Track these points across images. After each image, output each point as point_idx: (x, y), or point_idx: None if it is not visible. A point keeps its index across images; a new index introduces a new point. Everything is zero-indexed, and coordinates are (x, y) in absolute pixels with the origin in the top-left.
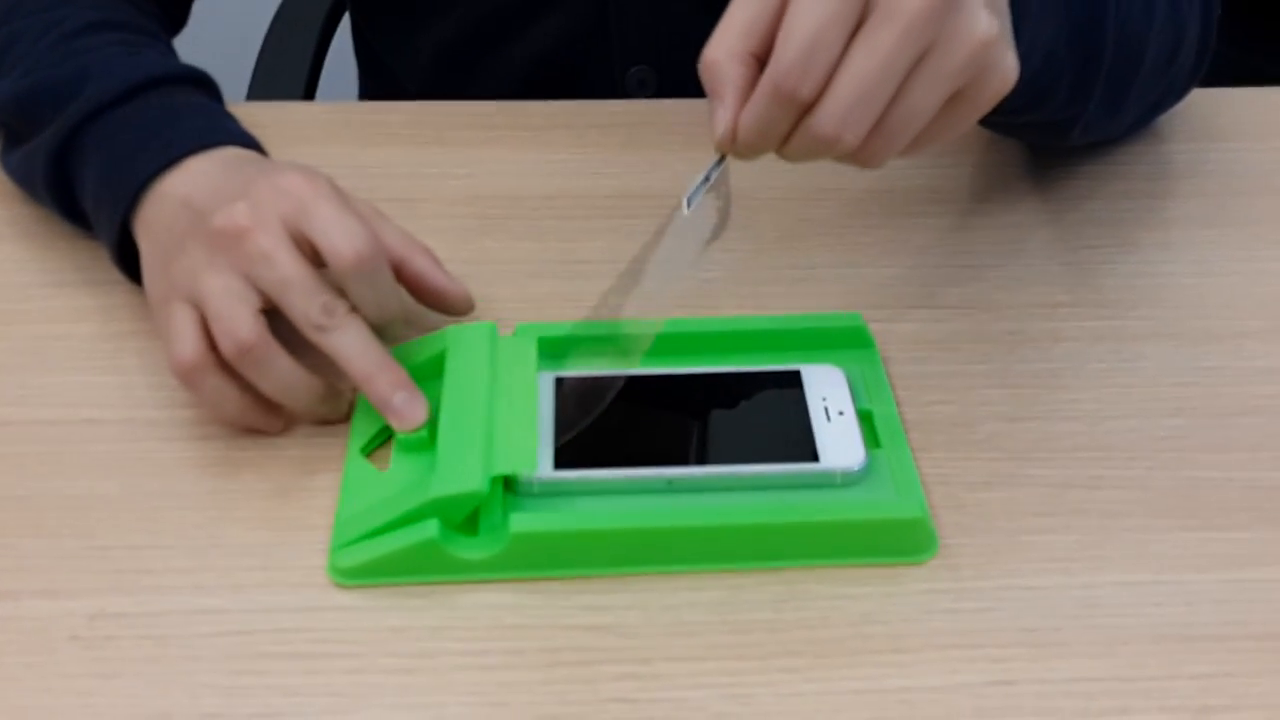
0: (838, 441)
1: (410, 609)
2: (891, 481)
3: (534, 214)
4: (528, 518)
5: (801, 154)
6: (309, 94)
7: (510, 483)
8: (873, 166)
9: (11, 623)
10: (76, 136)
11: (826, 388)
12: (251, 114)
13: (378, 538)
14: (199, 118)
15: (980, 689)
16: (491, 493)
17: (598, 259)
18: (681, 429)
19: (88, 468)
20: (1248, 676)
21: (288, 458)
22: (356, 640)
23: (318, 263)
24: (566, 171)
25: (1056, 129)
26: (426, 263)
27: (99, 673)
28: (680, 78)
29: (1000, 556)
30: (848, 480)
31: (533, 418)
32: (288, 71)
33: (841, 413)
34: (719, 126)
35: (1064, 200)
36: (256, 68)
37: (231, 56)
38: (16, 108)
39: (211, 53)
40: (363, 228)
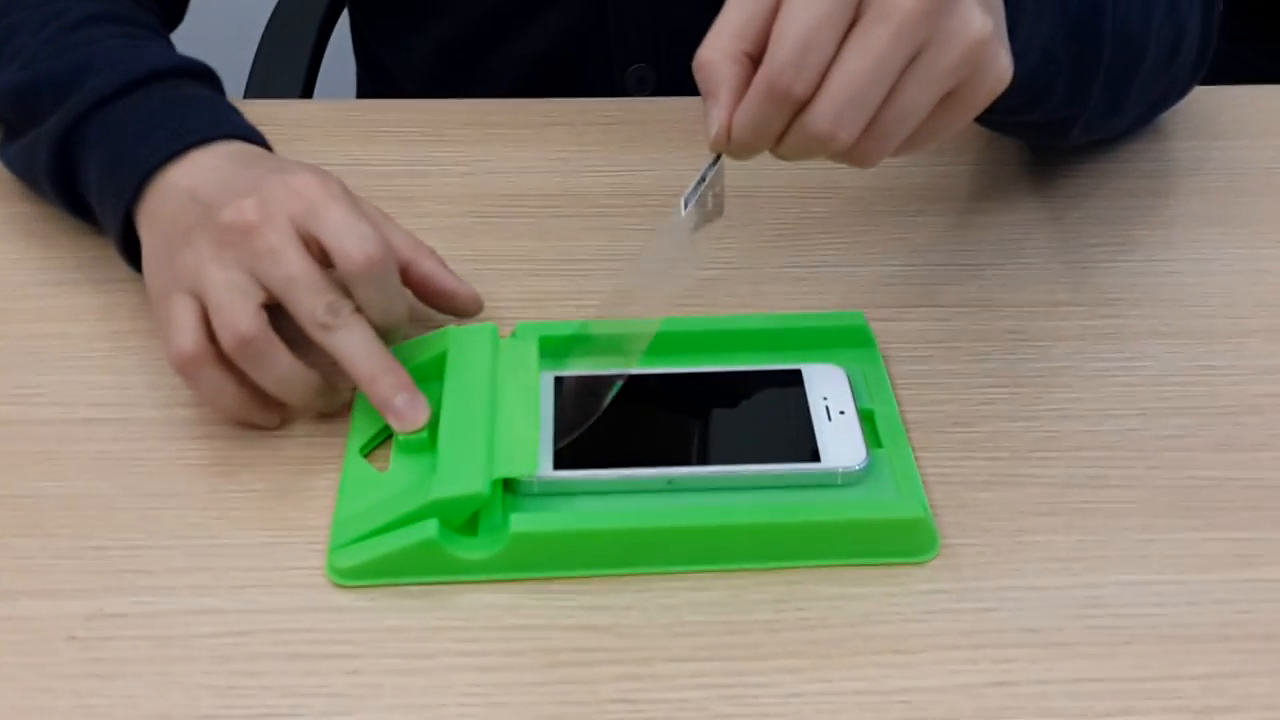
0: (839, 441)
1: (409, 609)
2: (893, 481)
3: (533, 212)
4: (527, 518)
5: (795, 153)
6: (307, 93)
7: (510, 483)
8: (867, 166)
9: (9, 623)
10: (80, 128)
11: (827, 387)
12: (249, 111)
13: (377, 538)
14: (204, 110)
15: (982, 689)
16: (491, 493)
17: (597, 257)
18: (682, 429)
19: (85, 467)
20: (1251, 677)
21: (287, 458)
22: (355, 641)
23: (324, 264)
24: (566, 170)
25: (1056, 128)
26: (434, 265)
27: (97, 673)
28: (680, 76)
29: (1002, 556)
30: (849, 480)
31: (534, 420)
32: (285, 69)
33: (843, 412)
34: (713, 126)
35: (1066, 198)
36: (254, 65)
37: (229, 53)
38: (16, 100)
39: (209, 49)
40: (373, 231)
